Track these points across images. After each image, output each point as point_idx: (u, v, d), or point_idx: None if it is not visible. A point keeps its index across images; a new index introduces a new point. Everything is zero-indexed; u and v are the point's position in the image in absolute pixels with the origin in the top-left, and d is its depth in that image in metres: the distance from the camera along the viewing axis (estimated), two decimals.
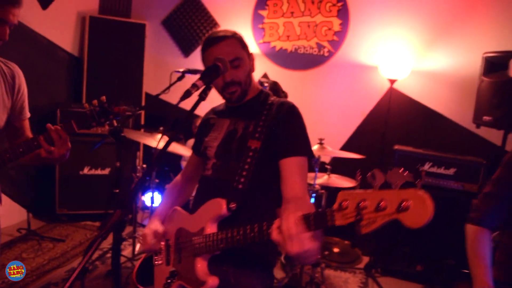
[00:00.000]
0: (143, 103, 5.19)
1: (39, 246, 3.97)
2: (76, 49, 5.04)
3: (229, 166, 1.68)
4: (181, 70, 2.80)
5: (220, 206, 1.54)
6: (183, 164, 4.54)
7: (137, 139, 3.27)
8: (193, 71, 2.82)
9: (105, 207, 4.50)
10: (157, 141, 3.27)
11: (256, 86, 1.83)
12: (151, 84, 5.27)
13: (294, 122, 1.69)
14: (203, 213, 1.62)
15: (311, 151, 1.70)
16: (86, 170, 4.51)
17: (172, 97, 5.08)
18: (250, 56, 1.79)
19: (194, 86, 1.46)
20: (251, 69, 1.79)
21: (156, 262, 1.82)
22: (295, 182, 1.59)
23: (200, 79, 1.49)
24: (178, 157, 4.24)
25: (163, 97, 2.96)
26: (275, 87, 3.87)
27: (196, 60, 5.20)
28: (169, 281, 1.70)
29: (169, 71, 5.28)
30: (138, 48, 5.17)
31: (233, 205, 1.53)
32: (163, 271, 1.77)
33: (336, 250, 4.30)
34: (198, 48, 5.21)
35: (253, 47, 4.96)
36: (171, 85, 2.64)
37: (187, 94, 1.46)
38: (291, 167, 1.61)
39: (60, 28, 4.81)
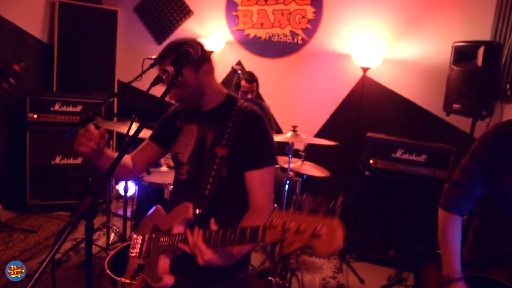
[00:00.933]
0: (115, 91, 5.11)
1: (9, 238, 3.88)
2: (46, 36, 4.90)
3: (202, 172, 1.70)
4: (154, 57, 2.75)
5: (187, 210, 1.60)
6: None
7: (110, 128, 3.21)
8: None
9: (78, 197, 4.43)
10: (131, 128, 3.21)
11: (221, 91, 1.80)
12: (123, 72, 5.19)
13: (259, 133, 1.69)
14: (174, 214, 1.67)
15: (275, 158, 1.73)
16: (58, 160, 4.42)
17: (144, 85, 5.00)
18: (199, 68, 1.69)
19: (165, 71, 1.44)
20: (204, 80, 1.71)
21: (130, 254, 1.84)
22: (258, 194, 1.66)
23: (170, 64, 1.47)
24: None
25: (136, 84, 2.92)
26: (251, 78, 3.87)
27: None
28: (135, 273, 1.74)
29: (142, 58, 5.23)
30: (110, 35, 5.07)
31: (198, 211, 1.58)
32: (133, 263, 1.80)
33: None
34: (171, 35, 5.16)
35: (227, 34, 4.94)
36: (143, 72, 2.59)
37: (157, 80, 1.44)
38: (255, 179, 1.66)
39: (28, 13, 4.67)
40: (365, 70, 4.41)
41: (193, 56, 1.55)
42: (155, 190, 3.32)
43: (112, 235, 3.76)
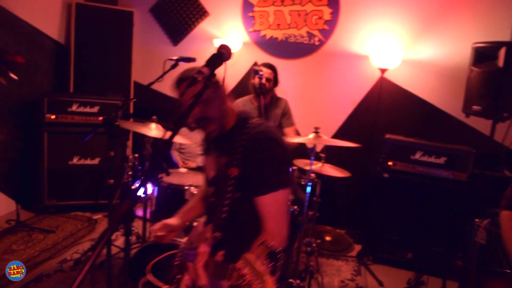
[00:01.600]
0: (131, 92, 5.13)
1: (29, 237, 3.91)
2: (62, 37, 4.93)
3: (220, 194, 1.70)
4: (175, 58, 2.76)
5: (208, 232, 1.65)
6: (174, 153, 4.52)
7: (132, 129, 3.21)
8: (187, 59, 2.78)
9: (94, 197, 4.46)
10: (151, 130, 3.23)
11: (234, 111, 1.79)
12: (139, 73, 5.21)
13: (265, 157, 1.63)
14: (201, 234, 1.77)
15: (286, 180, 1.67)
16: (75, 160, 4.45)
17: (161, 86, 5.05)
18: (222, 88, 1.76)
19: (200, 72, 1.44)
20: (226, 100, 1.76)
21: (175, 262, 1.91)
22: (267, 219, 1.64)
23: (205, 65, 1.47)
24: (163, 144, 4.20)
25: (153, 86, 2.92)
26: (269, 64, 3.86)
27: (185, 49, 5.15)
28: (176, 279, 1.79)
29: (158, 60, 5.21)
30: (126, 36, 5.09)
31: (217, 234, 1.61)
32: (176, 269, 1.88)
33: (328, 238, 4.35)
34: (187, 36, 5.16)
35: (243, 35, 4.93)
36: (164, 73, 2.60)
37: (193, 81, 1.44)
38: (263, 205, 1.64)
39: (45, 15, 4.70)
40: (383, 71, 4.38)
41: (226, 57, 1.56)
42: (174, 192, 3.32)
43: (131, 236, 3.76)
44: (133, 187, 3.94)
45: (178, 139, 3.49)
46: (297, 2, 4.71)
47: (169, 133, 1.46)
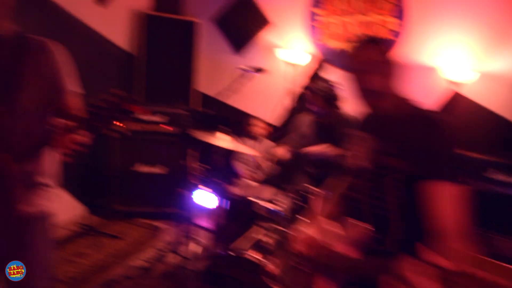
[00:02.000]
0: (195, 102, 5.19)
1: (97, 242, 4.03)
2: (131, 47, 5.08)
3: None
4: (244, 67, 2.73)
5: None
6: (238, 164, 4.50)
7: (202, 138, 3.21)
8: (256, 69, 2.75)
9: (160, 205, 4.55)
10: (219, 139, 3.21)
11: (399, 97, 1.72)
12: (203, 82, 5.28)
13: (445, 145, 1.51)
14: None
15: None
16: (142, 167, 4.56)
17: (224, 95, 5.10)
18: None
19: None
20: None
21: None
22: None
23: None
24: (229, 155, 4.21)
25: (216, 95, 2.89)
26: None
27: (248, 58, 5.17)
28: None
29: (222, 69, 5.30)
30: (191, 45, 5.17)
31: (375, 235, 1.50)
32: None
33: None
34: (250, 46, 5.18)
35: (308, 46, 4.88)
36: (234, 82, 2.60)
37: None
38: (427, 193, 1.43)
39: (115, 25, 4.86)
40: (453, 84, 4.20)
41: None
42: (241, 204, 3.30)
43: (195, 246, 3.76)
44: (195, 195, 4.00)
45: (245, 149, 3.48)
46: (362, 12, 4.62)
47: (236, 144, 1.45)
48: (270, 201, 3.11)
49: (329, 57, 4.81)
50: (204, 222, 3.88)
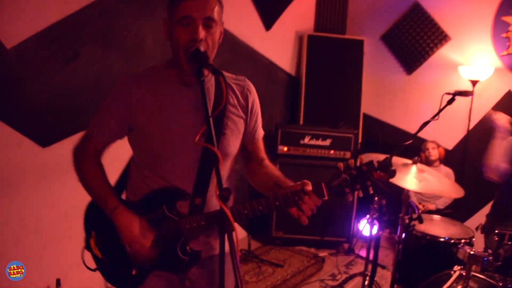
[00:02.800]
0: (360, 124, 4.85)
1: (259, 269, 3.90)
2: (294, 69, 4.98)
3: None
4: (452, 92, 2.35)
5: None
6: (410, 194, 4.01)
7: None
8: (464, 93, 2.35)
9: (321, 233, 4.28)
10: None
11: None
12: (369, 104, 4.92)
13: None
14: None
15: None
16: None
17: (390, 117, 4.74)
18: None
19: None
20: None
21: None
22: None
23: None
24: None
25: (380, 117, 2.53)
26: None
27: (422, 77, 4.69)
28: None
29: (389, 90, 4.91)
30: (355, 65, 4.88)
31: None
32: None
33: None
34: (424, 64, 4.70)
35: (494, 60, 4.22)
36: (441, 110, 2.25)
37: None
38: None
39: (279, 48, 4.80)
40: None
41: None
42: (431, 245, 2.84)
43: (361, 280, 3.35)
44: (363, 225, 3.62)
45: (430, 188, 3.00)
46: None
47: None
48: (468, 243, 2.61)
49: None
50: (372, 255, 3.49)
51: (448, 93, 2.37)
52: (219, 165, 1.36)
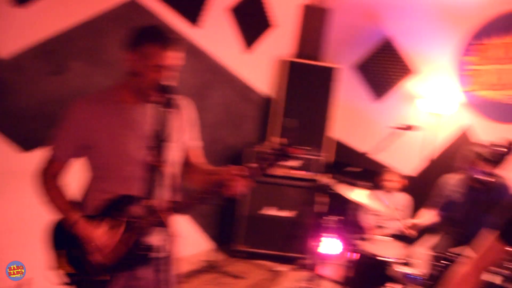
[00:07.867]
0: (324, 147, 5.04)
1: (220, 279, 4.04)
2: (268, 91, 5.18)
3: None
4: (394, 125, 2.54)
5: None
6: (363, 216, 4.19)
7: (339, 191, 3.02)
8: (408, 127, 2.55)
9: (284, 249, 4.45)
10: (356, 193, 3.00)
11: None
12: (339, 129, 5.14)
13: None
14: None
15: None
16: (271, 211, 4.56)
17: (360, 144, 4.91)
18: None
19: None
20: None
21: None
22: None
23: None
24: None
25: (350, 143, 2.72)
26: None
27: (390, 107, 4.93)
28: None
29: (359, 117, 5.13)
30: (328, 91, 5.09)
31: None
32: None
33: None
34: (390, 94, 4.95)
35: (455, 95, 4.47)
36: (384, 140, 2.44)
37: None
38: None
39: (258, 70, 5.03)
40: None
41: None
42: (374, 262, 3.02)
43: None
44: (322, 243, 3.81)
45: (378, 206, 3.23)
46: None
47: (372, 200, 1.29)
48: (405, 263, 2.79)
49: (480, 107, 4.36)
50: (328, 272, 3.66)
51: (392, 126, 2.56)
52: (165, 172, 1.62)
